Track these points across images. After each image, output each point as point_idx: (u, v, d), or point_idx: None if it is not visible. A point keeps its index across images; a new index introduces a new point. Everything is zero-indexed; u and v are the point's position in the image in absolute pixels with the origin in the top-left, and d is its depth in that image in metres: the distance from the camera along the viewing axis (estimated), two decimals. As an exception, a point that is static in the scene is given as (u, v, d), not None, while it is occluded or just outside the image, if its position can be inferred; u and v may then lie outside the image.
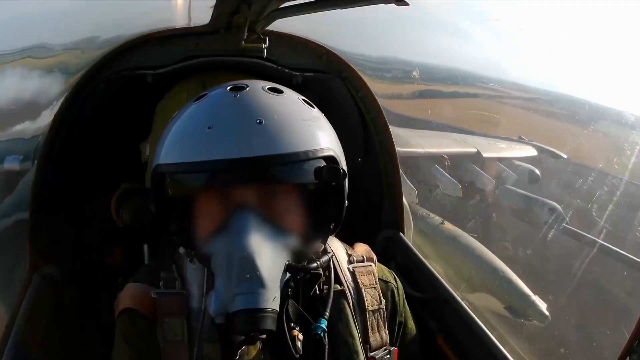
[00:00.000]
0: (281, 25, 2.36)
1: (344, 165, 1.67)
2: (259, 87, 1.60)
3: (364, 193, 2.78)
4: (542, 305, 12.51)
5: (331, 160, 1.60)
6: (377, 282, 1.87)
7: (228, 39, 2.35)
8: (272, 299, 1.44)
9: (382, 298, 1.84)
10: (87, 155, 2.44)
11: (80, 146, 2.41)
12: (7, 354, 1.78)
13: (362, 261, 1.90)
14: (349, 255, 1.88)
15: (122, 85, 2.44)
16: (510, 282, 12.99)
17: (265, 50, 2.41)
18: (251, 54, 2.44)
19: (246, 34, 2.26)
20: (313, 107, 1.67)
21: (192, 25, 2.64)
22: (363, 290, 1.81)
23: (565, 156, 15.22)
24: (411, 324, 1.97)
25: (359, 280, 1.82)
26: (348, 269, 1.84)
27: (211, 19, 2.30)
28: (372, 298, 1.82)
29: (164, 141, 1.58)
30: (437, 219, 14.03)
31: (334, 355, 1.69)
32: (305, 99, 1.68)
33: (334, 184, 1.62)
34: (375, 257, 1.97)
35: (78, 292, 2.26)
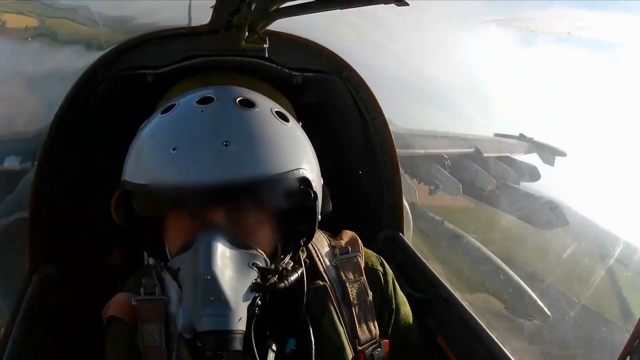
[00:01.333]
0: (281, 25, 2.35)
1: (316, 183, 1.63)
2: (229, 100, 1.54)
3: (364, 193, 2.78)
4: (543, 305, 12.50)
5: (303, 181, 1.56)
6: (363, 273, 1.85)
7: (228, 39, 2.35)
8: (237, 320, 1.45)
9: (368, 289, 1.82)
10: (87, 155, 2.44)
11: (80, 146, 2.41)
12: (7, 354, 1.78)
13: (347, 253, 1.88)
14: (333, 248, 1.87)
15: (122, 85, 2.44)
16: (511, 281, 12.98)
17: (266, 50, 2.41)
18: (251, 54, 2.44)
19: (246, 34, 2.26)
20: (287, 121, 1.60)
21: (192, 25, 2.65)
22: (347, 284, 1.80)
23: (566, 153, 15.19)
24: (405, 309, 1.96)
25: (342, 274, 1.82)
26: (331, 263, 1.83)
27: (211, 19, 2.30)
28: (357, 291, 1.81)
29: (130, 155, 1.57)
30: (437, 218, 14.01)
31: (320, 353, 1.70)
32: (280, 111, 1.62)
33: (302, 203, 1.59)
34: (361, 245, 1.94)
35: (78, 292, 2.26)
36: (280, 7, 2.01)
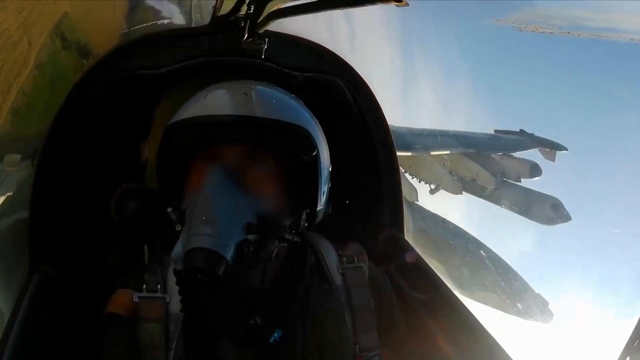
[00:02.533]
0: (281, 25, 2.35)
1: (324, 159, 1.83)
2: (251, 80, 1.93)
3: (364, 193, 2.78)
4: (546, 304, 12.50)
5: (308, 139, 1.76)
6: (367, 282, 1.91)
7: (228, 39, 2.35)
8: (224, 246, 1.53)
9: (370, 299, 1.88)
10: (87, 155, 2.44)
11: (80, 146, 2.41)
12: (7, 354, 1.78)
13: (353, 262, 1.94)
14: (340, 256, 1.93)
15: (122, 86, 2.44)
16: (513, 280, 12.98)
17: (265, 51, 2.41)
18: (251, 54, 2.44)
19: (246, 34, 2.26)
20: (302, 104, 1.92)
21: (192, 25, 2.64)
22: (352, 291, 1.85)
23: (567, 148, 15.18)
24: (399, 323, 2.04)
25: (348, 281, 1.87)
26: (338, 269, 1.89)
27: (211, 19, 2.30)
28: (361, 298, 1.86)
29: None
30: (438, 217, 14.01)
31: (321, 354, 1.75)
32: (296, 97, 1.91)
33: (306, 163, 1.78)
34: (366, 257, 2.01)
35: (78, 292, 2.26)
36: (280, 7, 2.01)
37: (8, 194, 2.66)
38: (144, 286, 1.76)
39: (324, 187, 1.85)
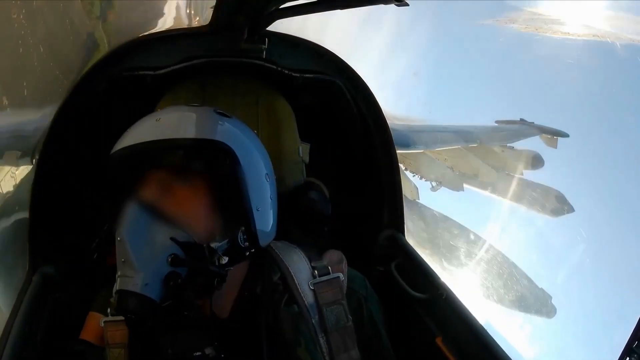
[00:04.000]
0: (281, 25, 2.35)
1: (251, 164, 1.74)
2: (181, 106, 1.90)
3: (364, 193, 2.78)
4: (549, 298, 12.47)
5: (225, 152, 1.69)
6: (344, 297, 1.77)
7: (228, 40, 2.34)
8: (142, 284, 1.55)
9: (348, 314, 1.75)
10: (87, 155, 2.44)
11: (80, 146, 2.41)
12: (6, 354, 1.79)
13: (327, 274, 1.80)
14: (313, 269, 1.79)
15: (122, 86, 2.44)
16: (516, 276, 12.96)
17: (265, 51, 2.41)
18: (251, 55, 2.44)
19: (246, 34, 2.25)
20: (226, 117, 1.82)
21: (192, 25, 2.64)
22: (324, 309, 1.72)
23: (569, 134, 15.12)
24: (381, 334, 1.94)
25: (320, 299, 1.73)
26: (309, 286, 1.75)
27: (211, 19, 2.30)
28: (336, 316, 1.73)
29: None
30: (440, 215, 13.98)
31: None
32: (221, 111, 1.84)
33: (228, 178, 1.70)
34: (345, 265, 1.90)
35: (78, 292, 2.26)
36: (280, 7, 2.01)
37: (8, 194, 2.66)
38: (109, 310, 1.77)
39: (261, 201, 1.75)
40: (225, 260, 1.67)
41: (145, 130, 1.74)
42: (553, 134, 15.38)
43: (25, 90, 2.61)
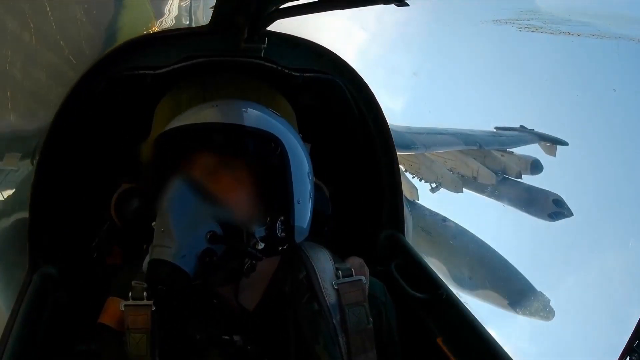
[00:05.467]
0: (281, 25, 2.35)
1: (297, 159, 1.82)
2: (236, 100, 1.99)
3: (364, 193, 2.78)
4: (547, 300, 12.50)
5: (277, 143, 1.76)
6: (366, 300, 1.79)
7: (228, 40, 2.34)
8: (179, 255, 1.56)
9: (369, 317, 1.77)
10: (87, 155, 2.44)
11: (80, 146, 2.41)
12: (7, 354, 1.79)
13: (350, 275, 1.83)
14: (337, 270, 1.81)
15: (122, 86, 2.44)
16: (514, 277, 12.98)
17: (265, 51, 2.41)
18: (251, 55, 2.44)
19: (246, 34, 2.25)
20: (278, 114, 1.94)
21: (192, 25, 2.64)
22: (346, 309, 1.74)
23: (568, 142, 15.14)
24: (396, 343, 1.94)
25: (343, 299, 1.75)
26: (332, 286, 1.77)
27: (211, 19, 2.30)
28: (357, 317, 1.74)
29: None
30: (439, 216, 13.99)
31: None
32: (275, 111, 1.96)
33: (276, 168, 1.77)
34: (367, 270, 1.91)
35: (78, 292, 2.26)
36: (280, 7, 2.01)
37: (8, 194, 2.66)
38: (130, 294, 1.73)
39: (302, 196, 1.81)
40: (261, 246, 1.71)
41: (202, 113, 1.84)
42: (552, 142, 15.42)
43: (25, 90, 2.60)
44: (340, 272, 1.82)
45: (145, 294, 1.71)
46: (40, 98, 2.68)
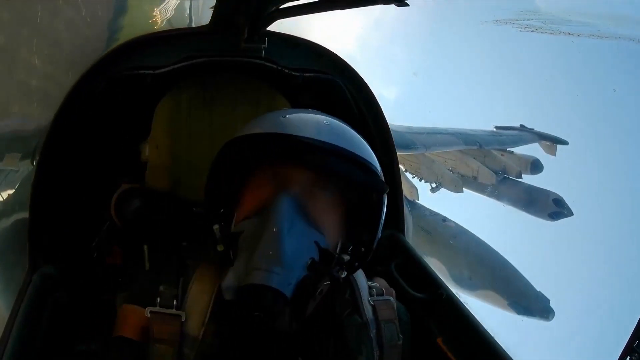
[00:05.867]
0: (281, 26, 2.35)
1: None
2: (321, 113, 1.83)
3: None
4: (547, 301, 12.51)
5: (378, 178, 1.73)
6: (397, 318, 1.82)
7: (228, 39, 2.34)
8: (287, 284, 1.45)
9: (399, 333, 1.80)
10: (87, 155, 2.45)
11: (80, 146, 2.41)
12: (7, 354, 1.78)
13: (382, 294, 1.85)
14: (370, 288, 1.84)
15: (122, 85, 2.44)
16: (514, 278, 12.98)
17: (265, 51, 2.41)
18: (251, 55, 2.44)
19: (246, 34, 2.25)
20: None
21: (192, 25, 2.64)
22: (382, 325, 1.76)
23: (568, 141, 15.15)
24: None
25: (380, 315, 1.78)
26: (369, 301, 1.79)
27: (211, 19, 2.30)
28: (390, 333, 1.77)
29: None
30: (439, 216, 14.00)
31: None
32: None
33: (372, 202, 1.72)
34: (394, 293, 1.93)
35: (78, 292, 2.26)
36: (280, 7, 2.01)
37: (8, 194, 2.66)
38: (158, 300, 1.59)
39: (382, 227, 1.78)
40: (344, 274, 1.69)
41: (317, 128, 1.66)
42: (553, 141, 15.43)
43: (25, 90, 2.60)
44: (374, 290, 1.84)
45: (175, 302, 1.59)
46: (40, 98, 2.68)
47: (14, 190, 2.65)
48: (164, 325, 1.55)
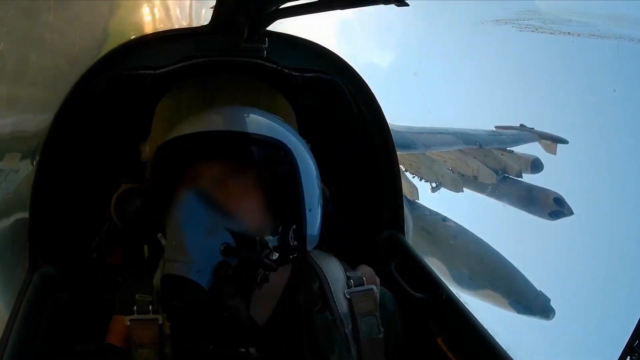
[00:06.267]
0: (281, 25, 2.35)
1: (306, 166, 1.78)
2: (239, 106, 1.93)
3: (364, 193, 2.78)
4: (547, 300, 12.51)
5: (282, 151, 1.72)
6: (377, 309, 1.79)
7: (228, 40, 2.34)
8: (194, 270, 1.51)
9: (380, 326, 1.77)
10: (87, 155, 2.44)
11: (80, 146, 2.41)
12: (7, 354, 1.78)
13: (362, 284, 1.83)
14: (348, 278, 1.82)
15: (122, 86, 2.44)
16: (514, 277, 12.98)
17: (265, 51, 2.40)
18: (251, 55, 2.43)
19: (246, 34, 2.25)
20: (285, 122, 1.89)
21: (192, 25, 2.64)
22: (359, 319, 1.74)
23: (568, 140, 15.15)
24: (404, 351, 1.93)
25: (354, 308, 1.76)
26: (344, 295, 1.77)
27: (211, 19, 2.30)
28: (369, 327, 1.75)
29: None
30: (439, 215, 13.99)
31: None
32: (279, 117, 1.91)
33: (286, 177, 1.73)
34: (378, 281, 1.90)
35: (78, 292, 2.26)
36: (280, 7, 2.00)
37: (8, 193, 2.66)
38: (135, 307, 1.69)
39: (312, 204, 1.77)
40: (275, 256, 1.65)
41: (206, 121, 1.78)
42: (553, 140, 15.43)
43: (26, 90, 2.60)
44: (351, 281, 1.82)
45: (150, 307, 1.68)
46: (41, 98, 2.68)
47: (14, 190, 2.65)
48: (143, 331, 1.64)
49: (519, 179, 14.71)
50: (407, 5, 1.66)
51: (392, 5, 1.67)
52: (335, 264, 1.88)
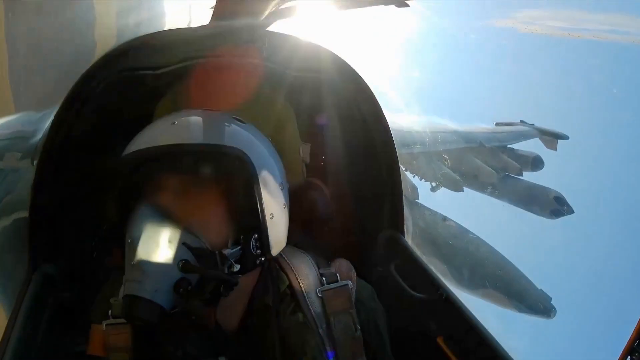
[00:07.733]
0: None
1: (265, 170, 1.70)
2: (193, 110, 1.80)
3: (364, 193, 2.78)
4: (548, 299, 12.48)
5: (240, 159, 1.65)
6: (352, 306, 1.74)
7: (228, 40, 2.34)
8: (152, 290, 1.49)
9: (356, 324, 1.72)
10: (87, 156, 2.44)
11: (80, 146, 2.41)
12: (7, 354, 1.79)
13: (336, 281, 1.77)
14: (321, 276, 1.77)
15: (122, 86, 2.44)
16: (515, 277, 12.96)
17: (265, 51, 2.40)
18: (251, 55, 2.43)
19: (246, 34, 2.25)
20: (243, 122, 1.78)
21: (192, 25, 2.64)
22: (332, 318, 1.69)
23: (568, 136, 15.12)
24: (387, 347, 1.88)
25: (328, 307, 1.71)
26: (316, 294, 1.72)
27: (211, 19, 2.30)
28: (344, 326, 1.70)
29: None
30: (439, 215, 13.97)
31: None
32: (237, 117, 1.80)
33: (244, 184, 1.66)
34: (354, 274, 1.85)
35: (78, 292, 2.26)
36: (280, 7, 2.01)
37: (8, 194, 2.66)
38: (109, 312, 1.70)
39: (275, 209, 1.72)
40: (236, 268, 1.62)
41: (160, 134, 1.69)
42: (553, 136, 15.38)
43: (26, 90, 2.60)
44: (324, 278, 1.77)
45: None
46: (41, 98, 2.68)
47: (14, 190, 2.65)
48: (117, 335, 1.65)
49: (520, 177, 14.68)
50: (407, 5, 1.67)
51: (392, 6, 1.67)
52: (307, 261, 1.83)
